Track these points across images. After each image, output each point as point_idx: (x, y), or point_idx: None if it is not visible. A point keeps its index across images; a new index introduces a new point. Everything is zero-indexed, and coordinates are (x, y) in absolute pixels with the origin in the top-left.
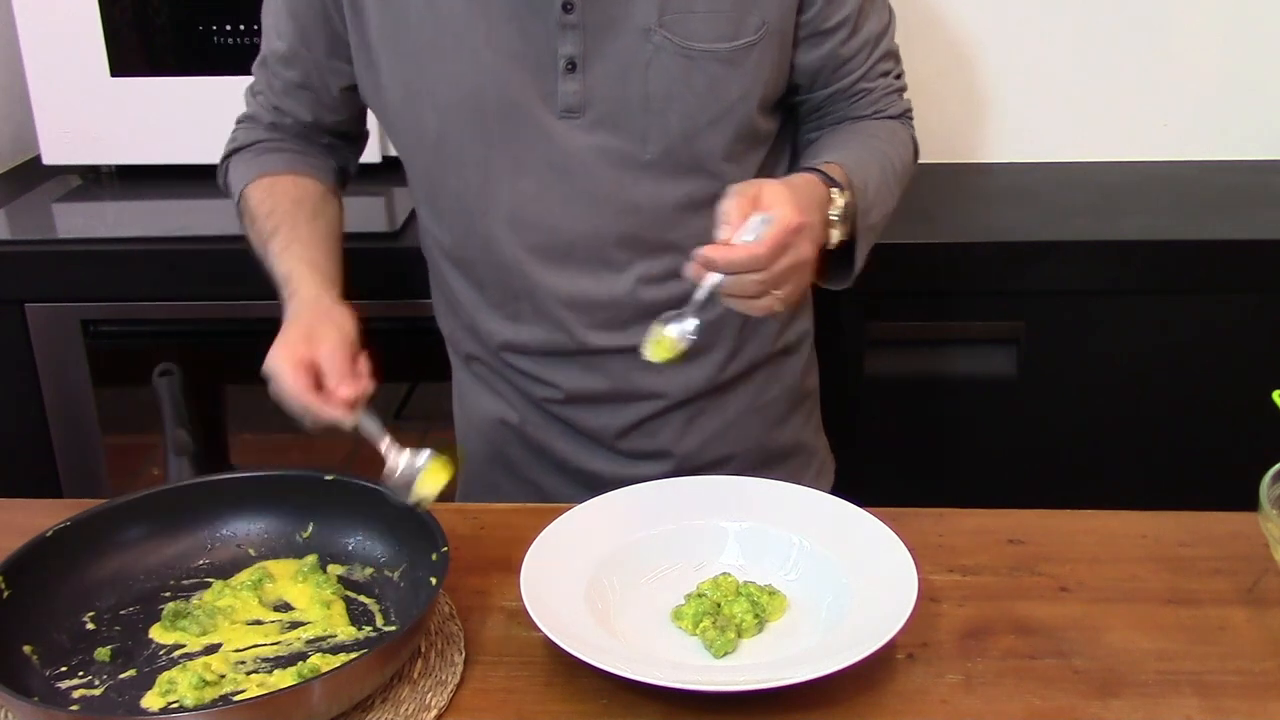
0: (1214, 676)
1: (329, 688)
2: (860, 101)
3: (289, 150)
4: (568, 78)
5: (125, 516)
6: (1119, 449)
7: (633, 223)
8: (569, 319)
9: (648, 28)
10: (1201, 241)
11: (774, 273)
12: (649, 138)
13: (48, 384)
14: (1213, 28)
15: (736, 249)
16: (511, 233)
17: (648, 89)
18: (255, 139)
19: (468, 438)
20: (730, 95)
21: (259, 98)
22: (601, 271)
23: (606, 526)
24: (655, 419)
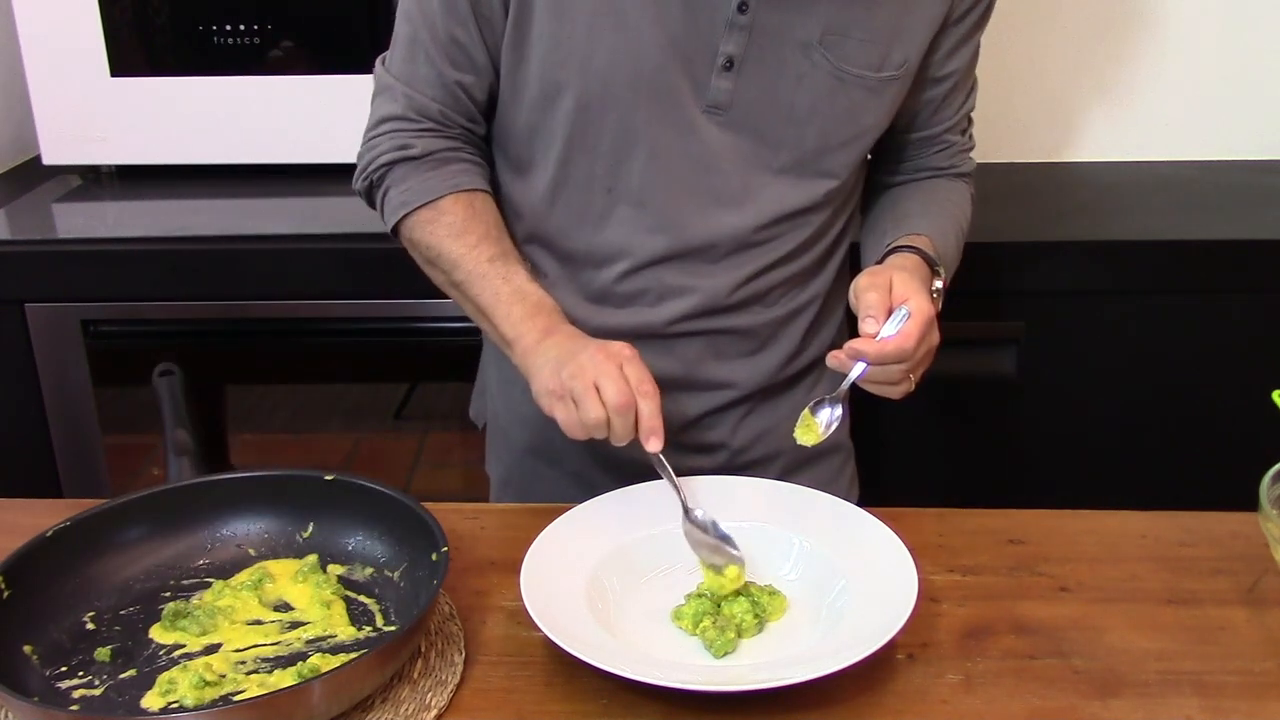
0: (1214, 676)
1: (329, 688)
2: (941, 153)
3: (468, 161)
4: (722, 75)
5: (125, 516)
6: (1119, 449)
7: (748, 222)
8: (663, 306)
9: (809, 43)
10: (1201, 241)
11: (915, 360)
12: (784, 146)
13: (48, 384)
14: (1212, 27)
15: (887, 343)
16: (630, 214)
17: (795, 100)
18: (433, 149)
19: (509, 427)
20: (865, 121)
21: (424, 87)
22: (704, 264)
23: (606, 526)
24: (720, 411)
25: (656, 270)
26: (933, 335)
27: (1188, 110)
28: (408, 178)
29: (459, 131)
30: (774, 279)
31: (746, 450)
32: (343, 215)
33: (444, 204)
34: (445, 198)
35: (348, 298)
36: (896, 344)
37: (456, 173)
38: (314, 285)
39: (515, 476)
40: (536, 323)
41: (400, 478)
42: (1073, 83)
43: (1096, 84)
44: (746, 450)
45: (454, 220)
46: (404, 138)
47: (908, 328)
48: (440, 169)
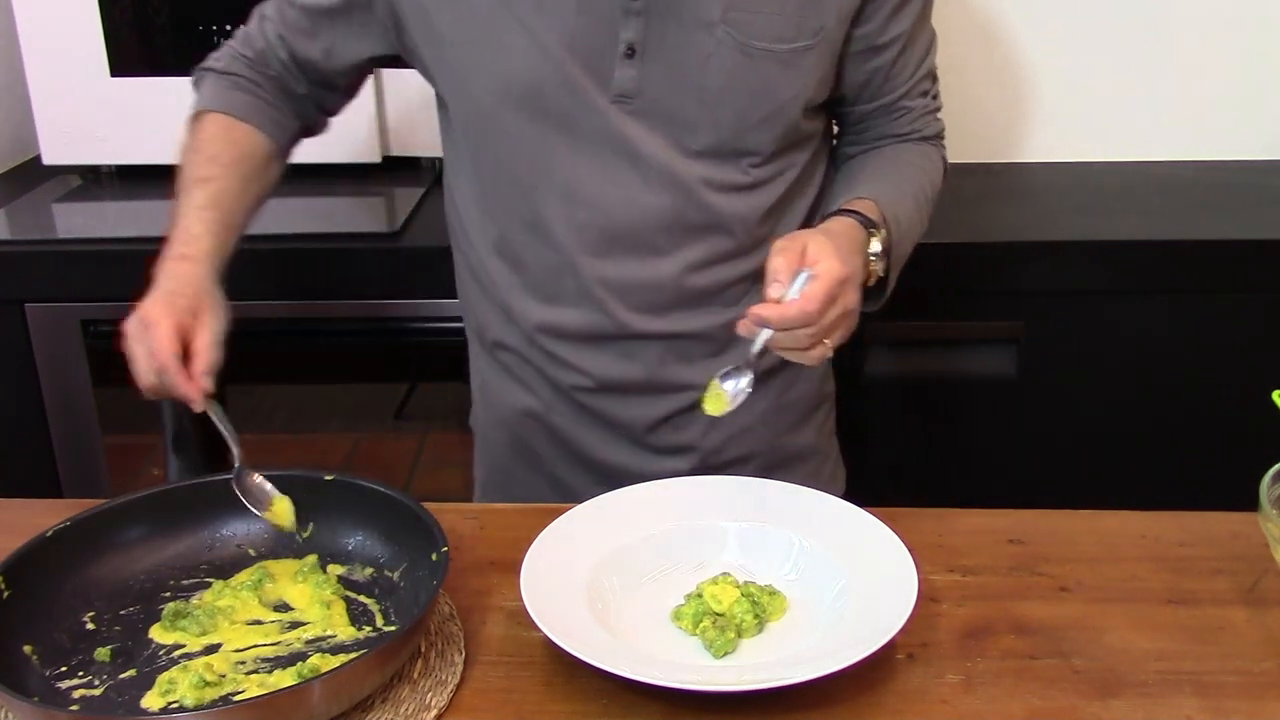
0: (1214, 676)
1: (329, 688)
2: (900, 119)
3: (262, 98)
4: (626, 63)
5: (125, 516)
6: (1119, 448)
7: (680, 206)
8: (611, 301)
9: (711, 21)
10: (1201, 241)
11: (824, 325)
12: (699, 129)
13: (48, 384)
14: (1213, 28)
15: (788, 306)
16: (562, 211)
17: (704, 82)
18: (234, 70)
19: (490, 431)
20: (782, 96)
21: (263, 22)
22: (648, 255)
23: (606, 526)
24: (686, 412)
25: (597, 264)
26: (847, 298)
27: (1188, 110)
28: (208, 86)
29: (274, 73)
30: (727, 274)
31: (719, 451)
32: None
33: (206, 119)
34: (210, 114)
35: (348, 298)
36: (798, 307)
37: (238, 100)
38: (314, 285)
39: (496, 479)
40: (166, 252)
41: (400, 478)
42: (1073, 83)
43: (1097, 84)
44: (719, 451)
45: (201, 135)
46: (223, 52)
47: (810, 290)
48: (229, 90)
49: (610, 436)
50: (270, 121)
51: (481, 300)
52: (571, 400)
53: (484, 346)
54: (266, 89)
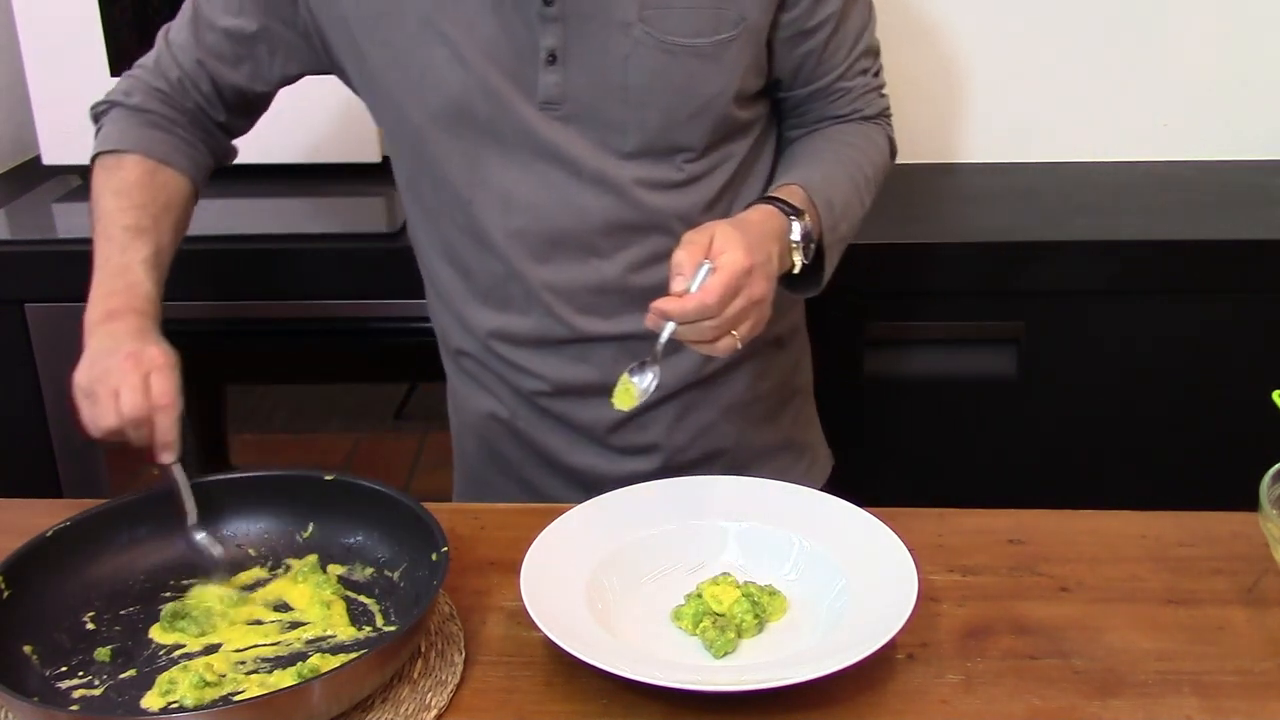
0: (1214, 676)
1: (329, 688)
2: (839, 100)
3: (180, 136)
4: (548, 70)
5: (125, 516)
6: (1119, 449)
7: (616, 207)
8: (558, 306)
9: (628, 22)
10: (1201, 241)
11: (727, 316)
12: (628, 130)
13: (48, 384)
14: (1212, 28)
15: (687, 300)
16: (500, 221)
17: (627, 82)
18: (149, 107)
19: (462, 438)
20: (708, 90)
21: (175, 50)
22: (589, 258)
23: (606, 526)
24: (646, 412)
25: (540, 270)
26: (753, 289)
27: (1188, 110)
28: (117, 121)
29: (191, 105)
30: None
31: (685, 449)
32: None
33: (127, 160)
34: (132, 154)
35: (348, 298)
36: (697, 300)
37: (158, 140)
38: (314, 285)
39: (471, 487)
40: (110, 302)
41: (400, 478)
42: (1073, 83)
43: (1096, 84)
44: (685, 449)
45: (125, 178)
46: (133, 84)
47: (709, 283)
48: (145, 129)
49: (574, 439)
50: (190, 162)
51: (441, 309)
52: (533, 404)
53: (449, 354)
54: (182, 126)
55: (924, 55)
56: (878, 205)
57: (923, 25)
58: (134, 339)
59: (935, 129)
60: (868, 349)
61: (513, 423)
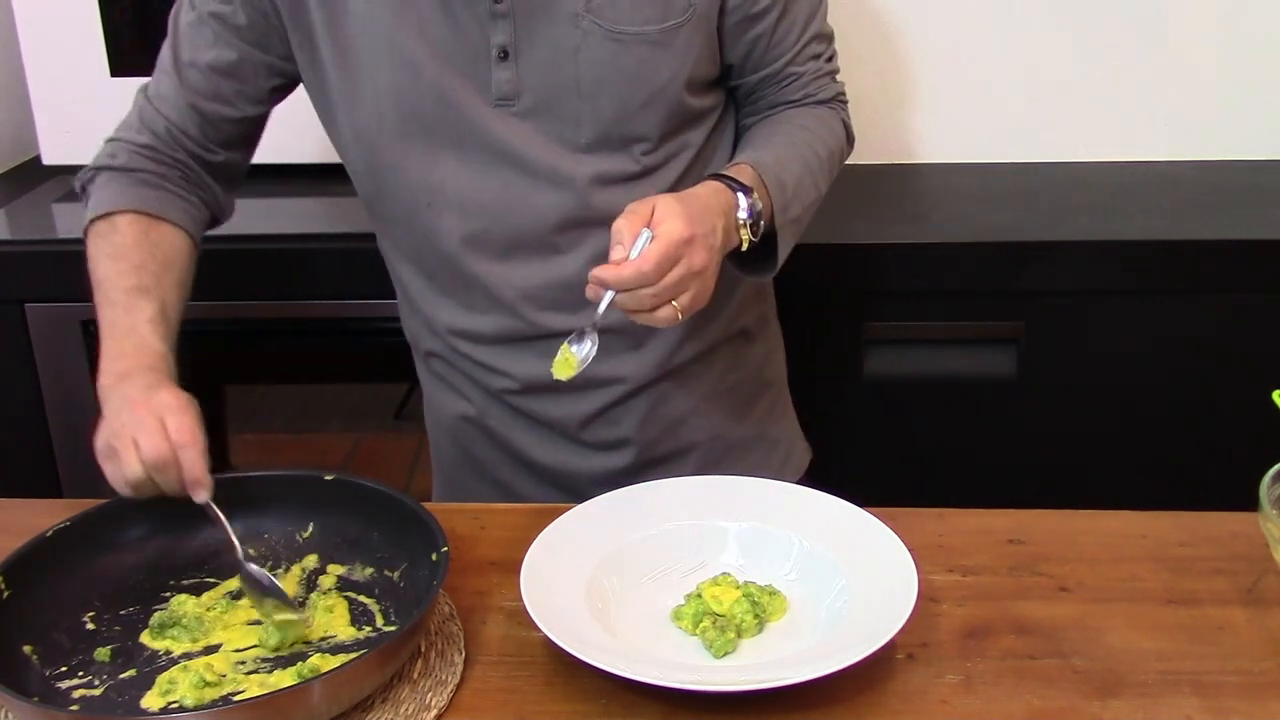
0: (1214, 676)
1: (329, 688)
2: (790, 86)
3: (171, 191)
4: (500, 66)
5: (125, 516)
6: (1119, 449)
7: (574, 203)
8: (520, 304)
9: (576, 13)
10: (1201, 241)
11: (665, 285)
12: (582, 122)
13: (48, 384)
14: (1212, 27)
15: (624, 267)
16: (457, 222)
17: (579, 74)
18: (136, 165)
19: (438, 441)
20: (660, 77)
21: (159, 102)
22: (549, 254)
23: (606, 526)
24: (616, 406)
25: (500, 270)
26: (692, 259)
27: (1188, 110)
28: (104, 187)
29: (181, 157)
30: None
31: (656, 443)
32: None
33: (120, 221)
34: (123, 215)
35: (348, 298)
36: (634, 268)
37: (148, 197)
38: (314, 285)
39: (448, 490)
40: (120, 364)
41: (400, 478)
42: (1073, 83)
43: (1096, 84)
44: (656, 443)
45: (120, 241)
46: (117, 147)
47: (647, 251)
48: (134, 188)
49: (546, 436)
50: (184, 216)
51: (409, 313)
52: (503, 403)
53: (419, 357)
54: (173, 180)
55: (924, 55)
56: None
57: (922, 25)
58: (145, 392)
59: (935, 129)
60: (868, 349)
61: (484, 422)
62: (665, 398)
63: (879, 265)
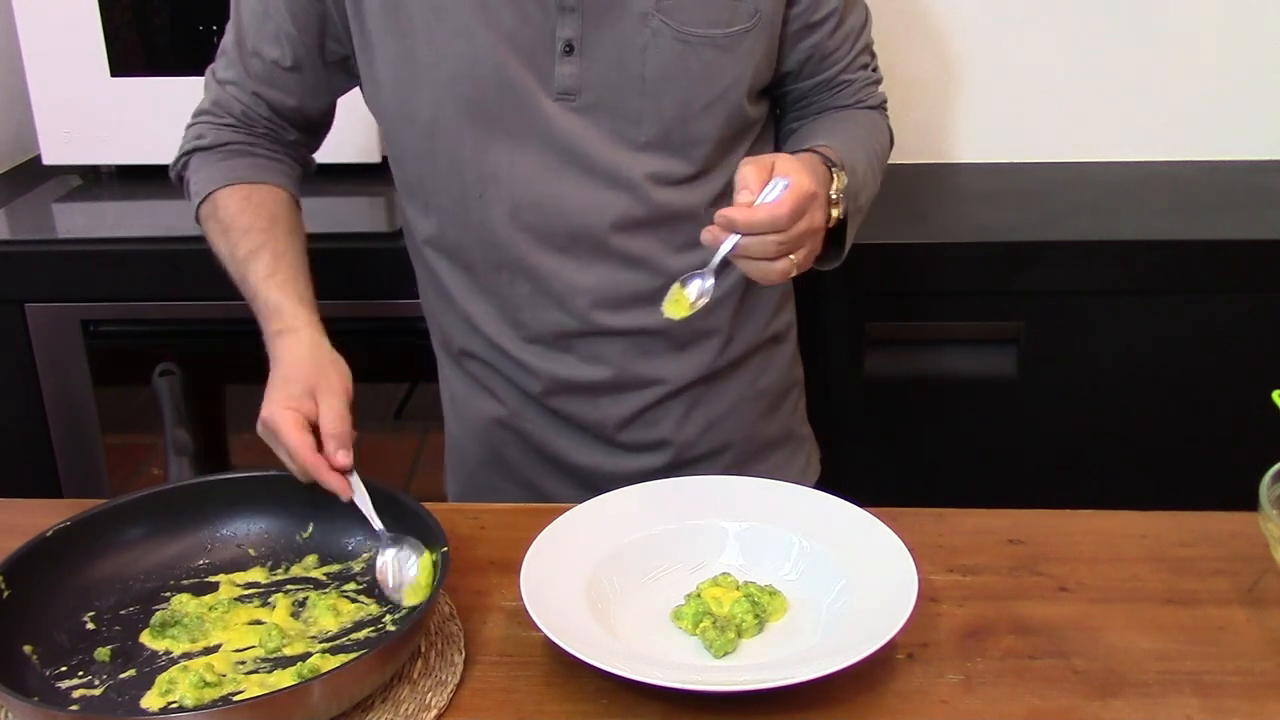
0: (1214, 676)
1: (329, 688)
2: (842, 92)
3: (261, 155)
4: (565, 60)
5: (125, 516)
6: (1119, 449)
7: (627, 203)
8: (569, 301)
9: (645, 12)
10: (1201, 241)
11: (792, 235)
12: (643, 120)
13: (48, 384)
14: (1212, 27)
15: (758, 209)
16: (509, 216)
17: (644, 72)
18: (223, 140)
19: (461, 443)
20: (723, 81)
21: (229, 87)
22: (599, 251)
23: (606, 526)
24: (656, 407)
25: (553, 261)
26: (814, 215)
27: (1188, 110)
28: (200, 169)
29: (263, 130)
30: (686, 265)
31: (694, 444)
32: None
33: (219, 198)
34: (221, 190)
35: (348, 298)
36: (768, 211)
37: (242, 166)
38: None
39: (470, 491)
40: (267, 332)
41: (400, 478)
42: (1073, 83)
43: (1096, 84)
44: (694, 444)
45: (225, 216)
46: (202, 128)
47: (782, 196)
48: (227, 161)
49: (582, 438)
50: (279, 175)
51: (445, 310)
52: (541, 405)
53: (451, 357)
54: (261, 146)
55: (924, 55)
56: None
57: (922, 25)
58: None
59: (935, 129)
60: (868, 349)
61: (517, 424)
62: (702, 400)
63: (879, 265)
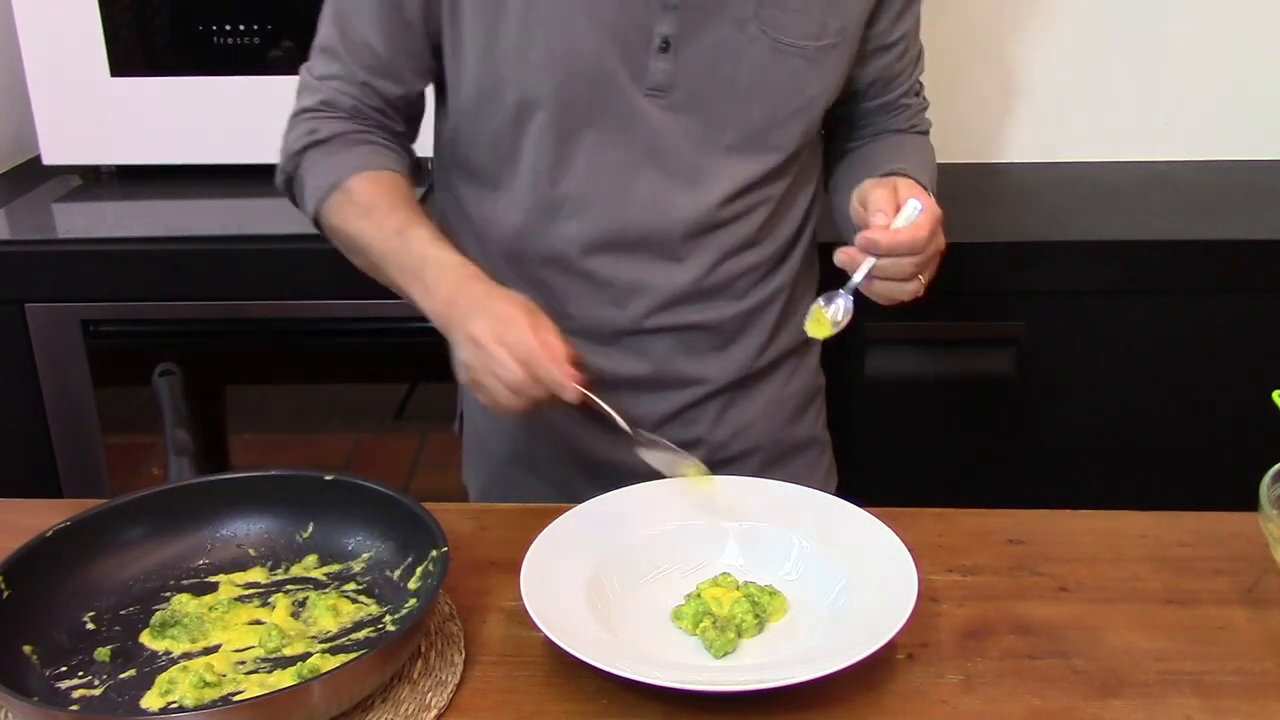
0: (1214, 676)
1: (329, 688)
2: (899, 116)
3: (380, 143)
4: (660, 56)
5: (125, 516)
6: (1119, 448)
7: (701, 202)
8: (624, 298)
9: (743, 18)
10: (1201, 241)
11: (927, 256)
12: (729, 123)
13: (48, 384)
14: (1212, 28)
15: (901, 232)
16: (581, 206)
17: (735, 76)
18: (340, 130)
19: (488, 439)
20: (809, 92)
21: (335, 83)
22: (665, 252)
23: (606, 526)
24: (694, 407)
25: (616, 262)
26: (939, 238)
27: (1188, 110)
28: (318, 163)
29: (372, 120)
30: (739, 267)
31: (726, 445)
32: None
33: (351, 184)
34: (352, 178)
35: (348, 298)
36: (910, 234)
37: (364, 154)
38: (314, 285)
39: (495, 486)
40: (441, 291)
41: (400, 478)
42: (1072, 83)
43: (1096, 84)
44: (726, 445)
45: (362, 200)
46: (313, 123)
47: (920, 219)
48: (348, 150)
49: (617, 435)
50: (397, 161)
51: None
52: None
53: None
54: (376, 134)
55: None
56: None
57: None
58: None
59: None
60: (868, 349)
61: (553, 420)
62: (737, 401)
63: None
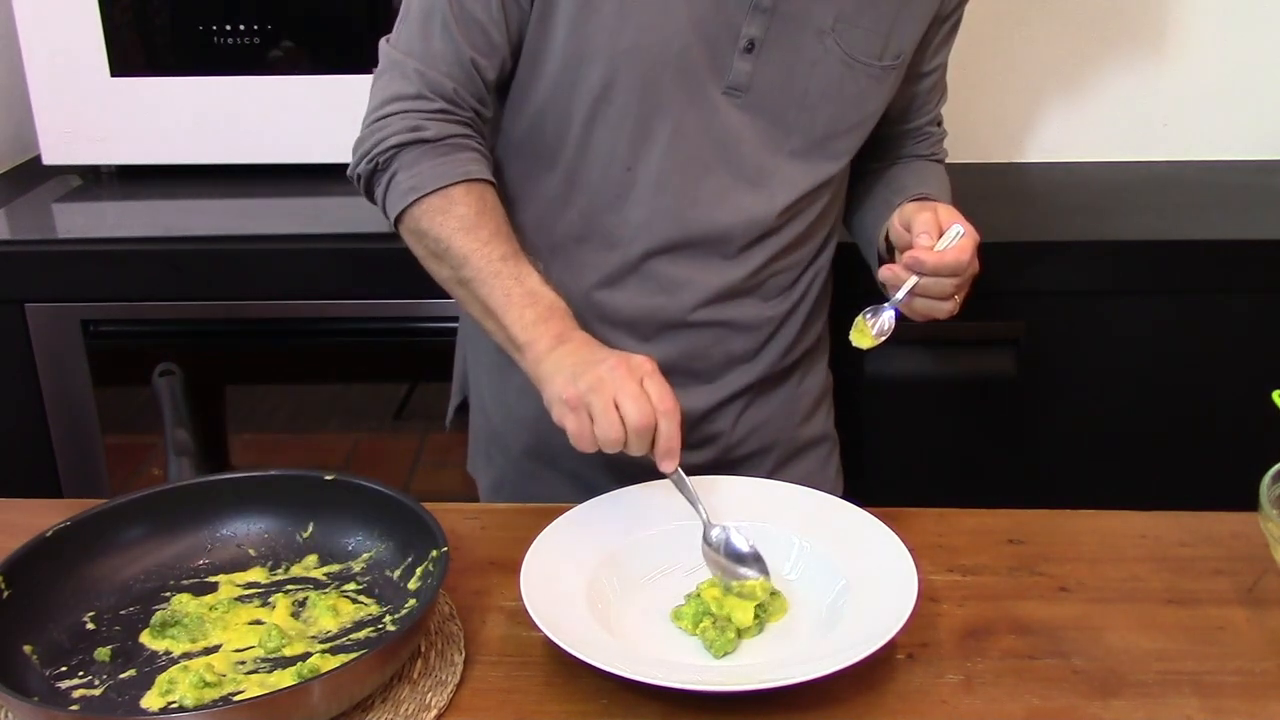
0: (1214, 676)
1: (329, 688)
2: (923, 142)
3: (479, 152)
4: (743, 56)
5: (125, 516)
6: (1119, 448)
7: (767, 206)
8: (677, 292)
9: (823, 29)
10: (1201, 241)
11: (966, 278)
12: (794, 130)
13: (48, 384)
14: (1212, 27)
15: (948, 253)
16: (649, 195)
17: (808, 85)
18: (448, 133)
19: (506, 434)
20: (868, 108)
21: (442, 64)
22: (719, 254)
23: (606, 526)
24: (722, 406)
25: (672, 256)
26: (975, 262)
27: (1188, 110)
28: (419, 162)
29: (469, 116)
30: (782, 267)
31: (743, 443)
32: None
33: (455, 193)
34: (457, 186)
35: (348, 298)
36: (955, 255)
37: (468, 160)
38: (314, 285)
39: (510, 479)
40: (550, 327)
41: (400, 478)
42: (1072, 83)
43: (1096, 84)
44: (743, 443)
45: (466, 212)
46: (416, 119)
47: (962, 243)
48: (453, 154)
49: None
50: (491, 171)
51: None
52: None
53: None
54: (474, 139)
55: None
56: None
57: None
58: (608, 352)
59: None
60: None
61: None
62: (757, 400)
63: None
